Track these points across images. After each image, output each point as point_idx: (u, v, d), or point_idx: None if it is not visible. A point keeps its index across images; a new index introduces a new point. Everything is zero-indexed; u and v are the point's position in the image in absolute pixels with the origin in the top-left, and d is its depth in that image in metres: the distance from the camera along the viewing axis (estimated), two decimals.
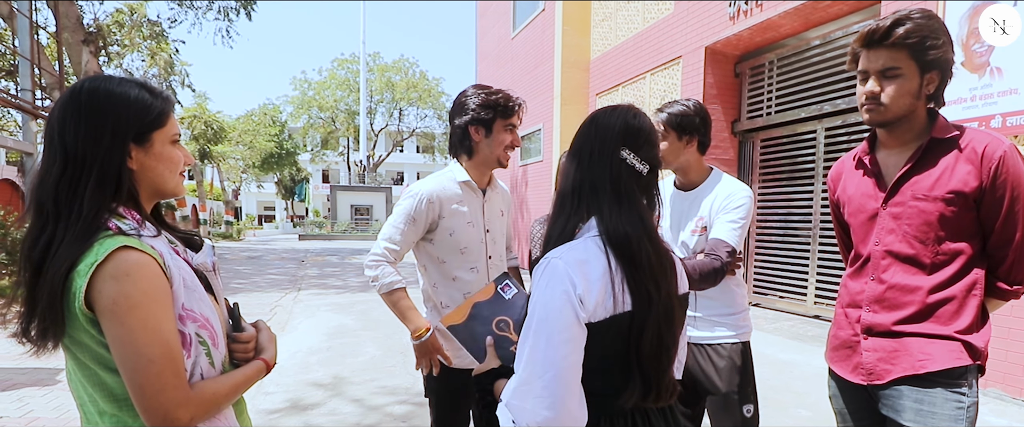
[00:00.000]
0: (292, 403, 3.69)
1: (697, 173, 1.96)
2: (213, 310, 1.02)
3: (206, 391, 0.95)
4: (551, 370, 0.94)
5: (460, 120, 1.85)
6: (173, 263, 0.96)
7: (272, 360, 1.12)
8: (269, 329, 1.17)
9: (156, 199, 1.07)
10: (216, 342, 1.00)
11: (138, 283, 0.88)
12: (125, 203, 0.98)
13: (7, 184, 10.70)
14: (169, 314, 0.92)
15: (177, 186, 1.06)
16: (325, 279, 10.78)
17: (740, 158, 7.06)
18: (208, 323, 0.99)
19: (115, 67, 15.59)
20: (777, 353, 4.97)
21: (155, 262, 0.92)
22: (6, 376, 4.19)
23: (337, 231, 29.03)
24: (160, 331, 0.89)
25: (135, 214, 0.98)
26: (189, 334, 0.95)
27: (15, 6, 9.20)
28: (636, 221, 1.04)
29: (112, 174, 0.94)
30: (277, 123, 36.09)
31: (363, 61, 33.78)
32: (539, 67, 10.73)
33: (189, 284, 0.97)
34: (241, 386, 1.03)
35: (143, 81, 1.03)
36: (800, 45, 6.09)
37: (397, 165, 51.53)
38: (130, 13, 14.73)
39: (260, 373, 1.09)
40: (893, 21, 1.32)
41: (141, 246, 0.92)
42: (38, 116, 9.16)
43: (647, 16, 7.89)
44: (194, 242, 1.11)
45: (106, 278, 0.87)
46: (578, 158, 1.09)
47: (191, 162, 1.09)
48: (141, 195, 1.01)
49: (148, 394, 0.88)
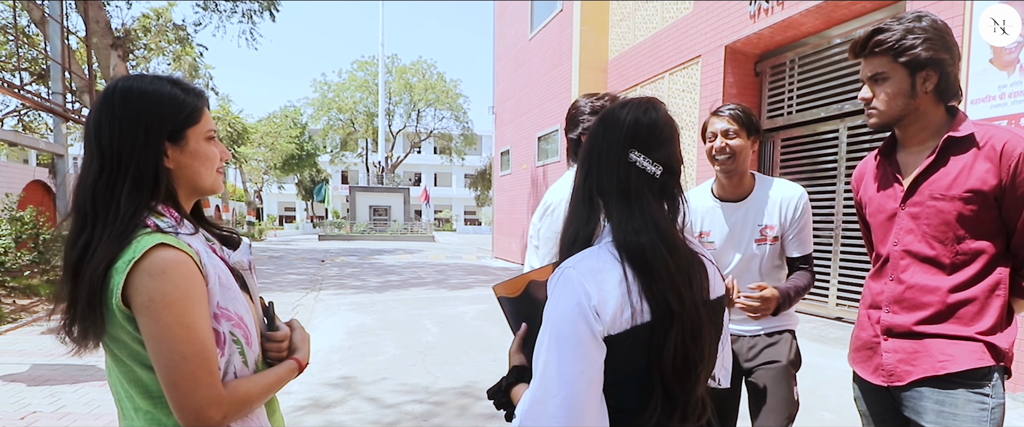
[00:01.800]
0: (314, 401, 3.74)
1: (750, 179, 1.89)
2: (247, 309, 1.00)
3: (239, 390, 0.95)
4: (565, 389, 0.88)
5: (574, 132, 1.78)
6: (209, 261, 0.95)
7: (305, 360, 1.10)
8: (303, 329, 1.15)
9: (195, 197, 1.06)
10: (250, 341, 0.99)
11: (174, 280, 0.88)
12: (164, 201, 0.98)
13: (39, 185, 11.00)
14: (204, 312, 0.92)
15: (214, 183, 1.05)
16: (344, 279, 10.91)
17: (760, 158, 6.98)
18: (242, 322, 0.98)
19: (142, 70, 15.97)
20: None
21: (191, 260, 0.92)
22: (39, 372, 4.32)
23: (356, 231, 29.33)
24: (194, 328, 0.89)
25: (173, 212, 0.98)
26: (223, 333, 0.95)
27: (47, 11, 9.48)
28: (650, 227, 0.96)
29: (148, 173, 0.95)
30: (298, 125, 36.59)
31: (381, 63, 34.12)
32: (557, 68, 10.74)
33: (224, 282, 0.97)
34: (274, 386, 1.02)
35: (176, 79, 1.02)
36: (821, 43, 6.01)
37: (415, 166, 51.88)
38: (156, 17, 15.09)
39: (293, 373, 1.08)
40: (872, 30, 1.39)
41: (178, 244, 0.92)
42: (69, 119, 9.43)
43: (666, 15, 7.85)
44: (232, 240, 1.11)
45: (143, 275, 0.87)
46: (587, 160, 1.03)
47: (228, 157, 1.08)
48: (179, 193, 1.01)
49: (181, 392, 0.88)
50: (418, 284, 10.19)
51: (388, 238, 28.01)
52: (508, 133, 14.33)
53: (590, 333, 0.90)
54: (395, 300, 8.22)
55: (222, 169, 1.07)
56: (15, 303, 6.79)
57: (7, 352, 4.88)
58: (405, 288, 9.62)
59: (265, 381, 1.01)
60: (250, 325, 1.00)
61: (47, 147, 9.34)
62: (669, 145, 1.01)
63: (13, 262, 6.82)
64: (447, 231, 42.15)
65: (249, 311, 1.01)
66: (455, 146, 40.56)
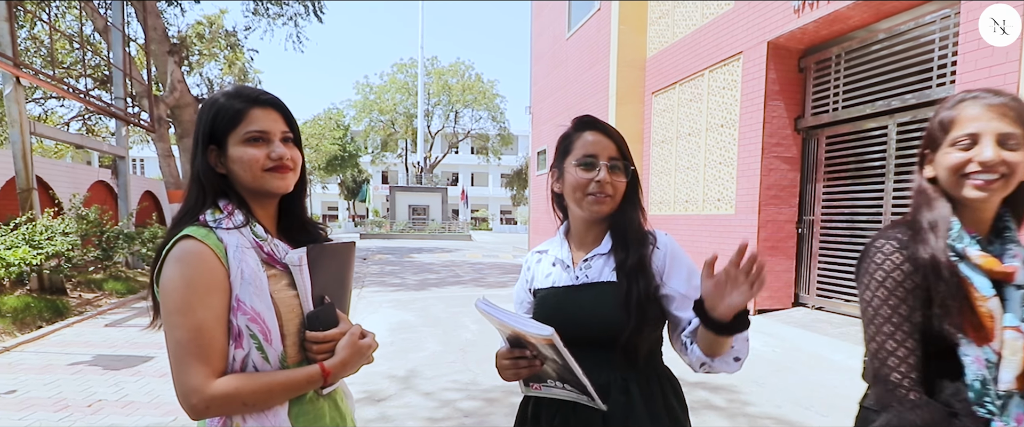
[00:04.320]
0: (368, 395, 3.81)
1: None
2: (270, 307, 0.98)
3: (227, 385, 0.93)
4: None
5: None
6: (236, 256, 0.97)
7: (332, 368, 1.02)
8: (355, 338, 1.05)
9: (256, 196, 1.07)
10: (269, 338, 0.98)
11: (183, 269, 0.93)
12: (231, 200, 1.04)
13: (102, 185, 11.67)
14: (209, 302, 0.93)
15: (260, 182, 1.04)
16: (385, 277, 11.15)
17: (804, 156, 6.81)
18: (259, 318, 0.97)
19: (196, 75, 16.71)
20: (845, 359, 4.78)
21: (211, 252, 0.95)
22: (104, 362, 4.59)
23: (395, 230, 29.88)
24: (192, 315, 0.92)
25: (232, 208, 1.03)
26: (239, 326, 0.96)
27: (109, 20, 10.05)
28: None
29: (201, 176, 1.04)
30: (341, 127, 37.46)
31: (421, 64, 34.63)
32: (594, 66, 10.70)
33: (247, 278, 0.97)
34: (279, 388, 0.97)
35: (239, 88, 1.08)
36: (868, 37, 5.82)
37: (452, 166, 52.42)
38: (209, 24, 15.76)
39: (312, 379, 1.00)
40: None
41: (203, 237, 0.97)
42: (129, 122, 9.95)
43: (706, 12, 7.74)
44: (314, 237, 1.14)
45: (167, 263, 0.96)
46: None
47: (277, 155, 1.04)
48: (242, 192, 1.06)
49: (175, 372, 0.92)
50: (456, 282, 10.33)
51: (426, 237, 28.42)
52: (544, 133, 14.35)
53: None
54: (434, 298, 8.37)
55: (276, 168, 1.04)
56: (81, 297, 7.22)
57: (74, 343, 5.20)
58: (443, 286, 9.78)
59: (265, 381, 0.96)
60: (269, 322, 0.98)
61: (110, 149, 9.84)
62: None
63: (79, 258, 7.25)
64: (484, 230, 42.41)
65: (270, 309, 0.98)
66: (492, 146, 40.82)
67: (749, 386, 4.07)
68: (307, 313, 1.04)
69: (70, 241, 6.58)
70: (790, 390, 4.02)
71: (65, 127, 15.50)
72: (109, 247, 8.28)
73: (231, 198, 1.04)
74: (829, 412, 3.60)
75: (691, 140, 8.08)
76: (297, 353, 1.03)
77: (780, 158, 6.73)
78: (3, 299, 5.86)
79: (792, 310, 6.80)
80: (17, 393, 3.79)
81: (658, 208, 8.97)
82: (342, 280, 1.15)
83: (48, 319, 5.94)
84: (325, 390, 1.07)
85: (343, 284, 1.15)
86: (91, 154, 27.67)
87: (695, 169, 7.98)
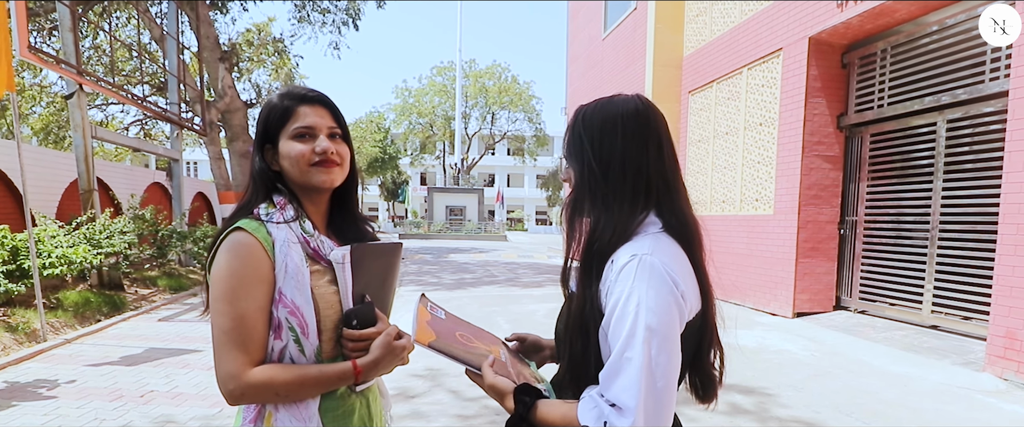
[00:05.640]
0: (400, 391, 3.88)
1: None
2: (309, 301, 1.00)
3: (261, 375, 0.96)
4: (663, 381, 0.84)
5: None
6: (282, 250, 1.00)
7: (364, 366, 1.01)
8: (389, 338, 1.05)
9: (307, 192, 1.10)
10: (306, 331, 1.00)
11: (229, 260, 0.97)
12: (284, 195, 1.08)
13: (157, 187, 12.27)
14: (251, 292, 0.96)
15: (306, 177, 1.06)
16: (422, 276, 11.34)
17: (846, 154, 6.59)
18: (298, 311, 0.99)
19: (246, 81, 17.39)
20: (888, 365, 4.62)
21: (258, 243, 0.99)
22: (155, 355, 4.82)
23: (433, 231, 30.33)
24: (234, 304, 0.95)
25: (284, 203, 1.07)
26: (279, 318, 0.99)
27: (165, 29, 10.58)
28: (687, 210, 1.01)
29: (256, 173, 1.09)
30: (381, 130, 38.26)
31: (459, 67, 35.05)
32: (630, 66, 10.62)
33: (290, 272, 0.99)
34: (310, 381, 0.99)
35: (289, 88, 1.11)
36: (916, 31, 5.59)
37: (489, 167, 52.76)
38: (258, 32, 16.40)
39: (344, 375, 1.01)
40: None
41: (254, 230, 1.00)
42: (183, 126, 10.44)
43: (745, 9, 7.58)
44: (364, 235, 1.17)
45: (219, 253, 1.00)
46: (626, 153, 0.99)
47: (321, 149, 1.06)
48: (294, 188, 1.09)
49: (216, 358, 0.96)
50: (491, 282, 10.41)
51: (463, 237, 28.71)
52: None
53: (680, 322, 0.89)
54: (469, 297, 8.47)
55: (322, 162, 1.06)
56: (136, 293, 7.61)
57: (129, 336, 5.49)
58: (478, 286, 9.87)
59: (298, 374, 0.98)
60: (307, 316, 1.00)
61: (165, 152, 10.31)
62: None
63: (136, 256, 7.64)
64: (519, 231, 42.56)
65: (309, 304, 1.00)
66: (528, 147, 40.93)
67: (786, 391, 3.98)
68: (345, 310, 1.05)
69: (127, 240, 6.95)
70: (829, 396, 3.91)
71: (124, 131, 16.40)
72: (163, 245, 8.72)
73: (284, 194, 1.08)
74: (871, 419, 3.49)
75: (728, 139, 7.93)
76: (333, 349, 1.05)
77: (821, 157, 6.53)
78: (66, 294, 6.25)
79: (833, 313, 6.59)
80: (76, 383, 4.03)
81: (694, 208, 8.83)
82: (385, 280, 1.15)
83: (106, 313, 6.29)
84: (358, 388, 1.08)
85: (386, 284, 1.16)
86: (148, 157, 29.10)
87: (732, 169, 7.83)
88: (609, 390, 0.85)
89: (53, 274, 5.45)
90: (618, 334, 0.86)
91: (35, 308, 5.17)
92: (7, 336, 4.81)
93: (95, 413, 3.47)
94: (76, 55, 6.90)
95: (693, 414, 3.38)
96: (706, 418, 3.41)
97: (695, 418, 3.38)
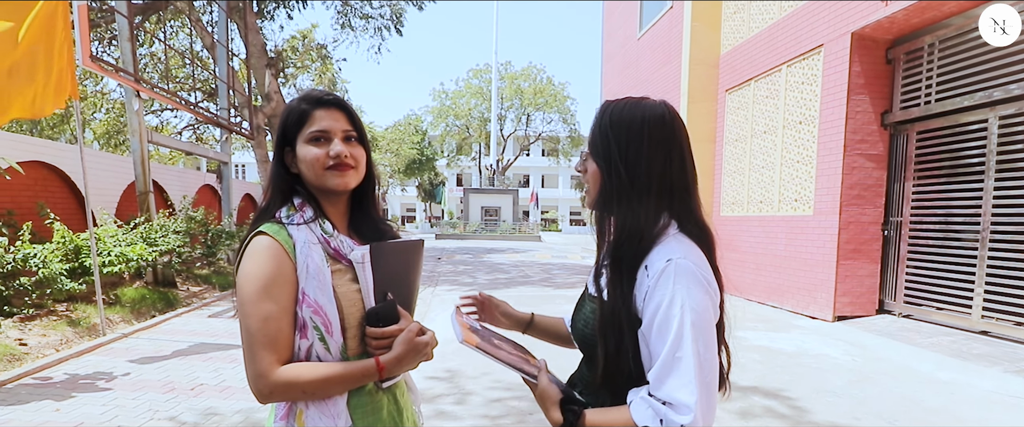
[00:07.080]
0: (424, 390, 3.93)
1: None
2: (331, 300, 1.03)
3: (288, 373, 0.98)
4: (711, 376, 0.90)
5: None
6: (303, 251, 1.02)
7: (387, 363, 1.03)
8: (412, 335, 1.07)
9: (325, 194, 1.11)
10: (330, 330, 1.02)
11: (254, 263, 0.99)
12: (302, 197, 1.10)
13: (208, 188, 12.82)
14: (275, 293, 0.99)
15: (322, 180, 1.08)
16: (458, 276, 11.47)
17: (891, 153, 6.37)
18: (321, 311, 1.02)
19: (291, 87, 17.99)
20: (934, 371, 4.45)
21: (280, 246, 1.01)
22: (204, 349, 5.05)
23: (469, 231, 30.56)
24: (259, 305, 0.97)
25: (304, 205, 1.09)
26: (304, 318, 1.01)
27: (216, 37, 11.05)
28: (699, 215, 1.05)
29: (275, 176, 1.12)
30: (419, 132, 38.83)
31: (495, 69, 35.23)
32: (666, 65, 10.50)
33: (312, 272, 1.02)
34: (335, 379, 1.01)
35: (309, 91, 1.13)
36: (966, 24, 5.37)
37: (524, 168, 52.83)
38: (302, 39, 16.96)
39: (368, 372, 1.03)
40: None
41: (275, 233, 1.03)
42: (232, 131, 10.88)
43: (784, 5, 7.41)
44: (384, 234, 1.19)
45: (243, 257, 1.02)
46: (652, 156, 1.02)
47: (335, 153, 1.07)
48: (312, 190, 1.11)
49: (246, 358, 0.99)
50: (525, 282, 10.46)
51: (498, 238, 28.84)
52: None
53: (714, 320, 0.95)
54: (503, 297, 8.46)
55: (336, 165, 1.08)
56: (188, 290, 7.99)
57: (180, 332, 5.75)
58: (512, 286, 9.93)
59: (324, 372, 1.00)
60: (330, 315, 1.02)
61: (215, 155, 10.73)
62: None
63: (188, 255, 8.01)
64: (553, 231, 42.44)
65: (332, 303, 1.03)
66: (562, 148, 40.81)
67: (825, 397, 3.89)
68: (367, 309, 1.07)
69: (181, 239, 7.31)
70: (871, 402, 3.80)
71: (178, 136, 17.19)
72: (213, 244, 9.11)
73: (302, 196, 1.10)
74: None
75: (767, 138, 7.76)
76: (357, 346, 1.07)
77: (864, 155, 6.33)
78: (123, 291, 6.62)
79: (875, 317, 6.37)
80: (131, 375, 4.25)
81: (731, 209, 8.67)
82: (407, 278, 1.16)
83: (160, 309, 6.63)
84: (384, 384, 1.10)
85: (408, 282, 1.17)
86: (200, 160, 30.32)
87: (771, 168, 7.66)
88: (660, 389, 0.89)
89: (112, 271, 5.79)
90: (664, 336, 0.89)
91: (95, 304, 5.50)
92: (69, 330, 5.14)
93: (149, 404, 3.64)
94: (133, 63, 7.23)
95: (729, 421, 3.35)
96: (740, 423, 3.38)
97: (729, 424, 3.35)
